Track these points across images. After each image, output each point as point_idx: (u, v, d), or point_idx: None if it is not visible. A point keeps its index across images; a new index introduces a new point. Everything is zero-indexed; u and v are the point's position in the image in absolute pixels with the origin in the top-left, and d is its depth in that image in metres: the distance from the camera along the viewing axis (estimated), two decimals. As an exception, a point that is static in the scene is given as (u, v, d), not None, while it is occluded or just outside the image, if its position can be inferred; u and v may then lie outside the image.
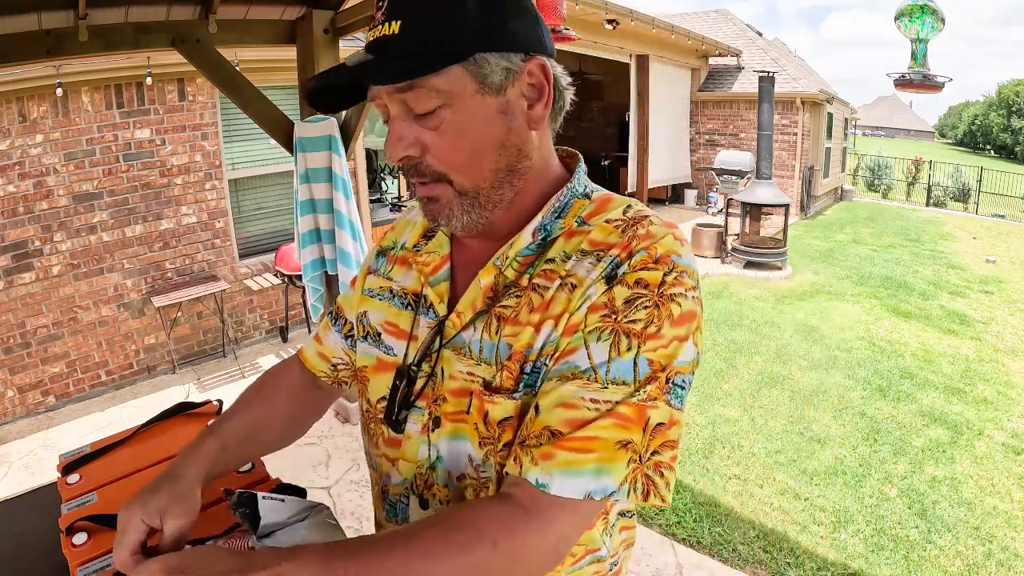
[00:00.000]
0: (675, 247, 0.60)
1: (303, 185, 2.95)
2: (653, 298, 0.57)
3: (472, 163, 0.61)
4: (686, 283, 0.59)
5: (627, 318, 0.57)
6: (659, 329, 0.57)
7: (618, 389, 0.55)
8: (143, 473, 0.92)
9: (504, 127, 0.61)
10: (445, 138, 0.59)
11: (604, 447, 0.54)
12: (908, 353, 4.81)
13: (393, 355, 0.72)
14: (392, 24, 0.56)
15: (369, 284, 0.80)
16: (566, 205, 0.66)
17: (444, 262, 0.71)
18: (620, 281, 0.58)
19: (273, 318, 4.91)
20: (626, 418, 0.55)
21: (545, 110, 0.63)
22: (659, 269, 0.58)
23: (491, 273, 0.65)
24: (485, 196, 0.62)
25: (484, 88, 0.59)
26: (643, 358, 0.56)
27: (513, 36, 0.59)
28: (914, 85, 3.49)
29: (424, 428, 0.67)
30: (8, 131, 3.50)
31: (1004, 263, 8.36)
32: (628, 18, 7.13)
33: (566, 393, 0.56)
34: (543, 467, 0.55)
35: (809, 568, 2.40)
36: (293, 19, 2.89)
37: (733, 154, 8.73)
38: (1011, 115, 42.60)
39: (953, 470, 3.19)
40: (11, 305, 3.65)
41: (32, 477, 3.10)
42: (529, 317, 0.61)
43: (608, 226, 0.63)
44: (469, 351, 0.64)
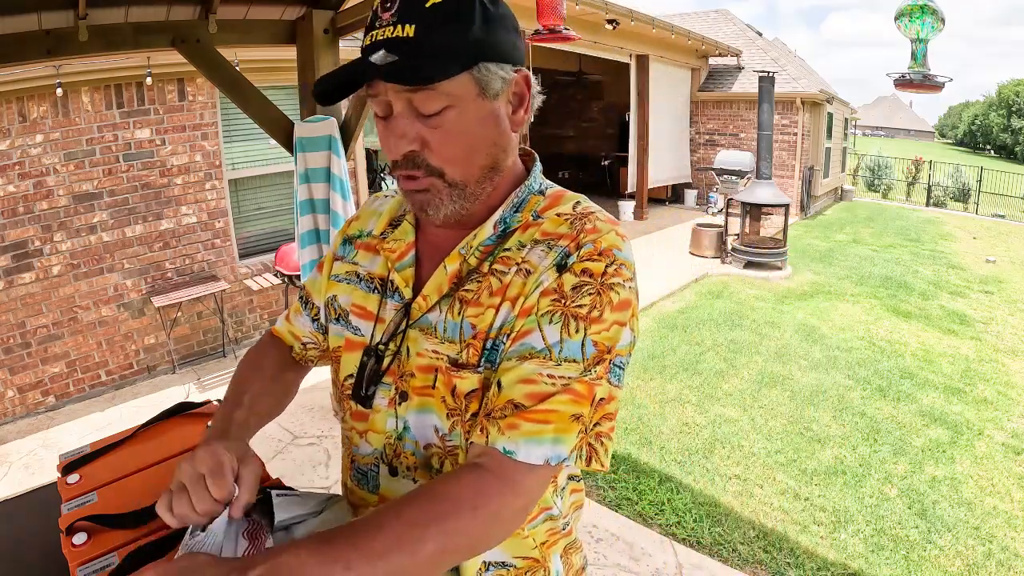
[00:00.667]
0: (617, 242, 0.68)
1: (303, 185, 2.95)
2: (596, 286, 0.65)
3: (466, 159, 0.68)
4: (624, 274, 0.67)
5: (574, 303, 0.64)
6: (601, 314, 0.64)
7: (570, 366, 0.63)
8: (143, 473, 0.92)
9: (496, 129, 0.69)
10: (447, 136, 0.65)
11: (560, 419, 0.61)
12: (908, 353, 4.81)
13: (360, 335, 0.78)
14: (406, 27, 0.61)
15: (336, 270, 0.85)
16: (523, 200, 0.74)
17: (409, 249, 0.77)
18: (568, 269, 0.66)
19: (273, 318, 4.90)
20: (579, 394, 0.62)
21: (525, 116, 0.71)
22: (602, 261, 0.66)
23: (456, 261, 0.71)
24: (471, 189, 0.69)
25: (484, 94, 0.66)
26: (589, 340, 0.64)
27: (507, 50, 0.67)
28: (914, 85, 3.48)
29: (391, 402, 0.73)
30: (8, 131, 3.50)
31: (1004, 263, 8.36)
32: (628, 18, 7.13)
33: (526, 370, 0.63)
34: (509, 436, 0.61)
35: (809, 568, 2.40)
36: (293, 19, 2.89)
37: (733, 154, 8.73)
38: (1011, 115, 42.60)
39: (953, 470, 3.19)
40: (11, 305, 3.65)
41: (32, 477, 3.10)
42: (490, 300, 0.68)
43: (559, 219, 0.71)
44: (435, 331, 0.70)
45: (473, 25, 0.62)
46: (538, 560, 0.76)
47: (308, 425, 3.45)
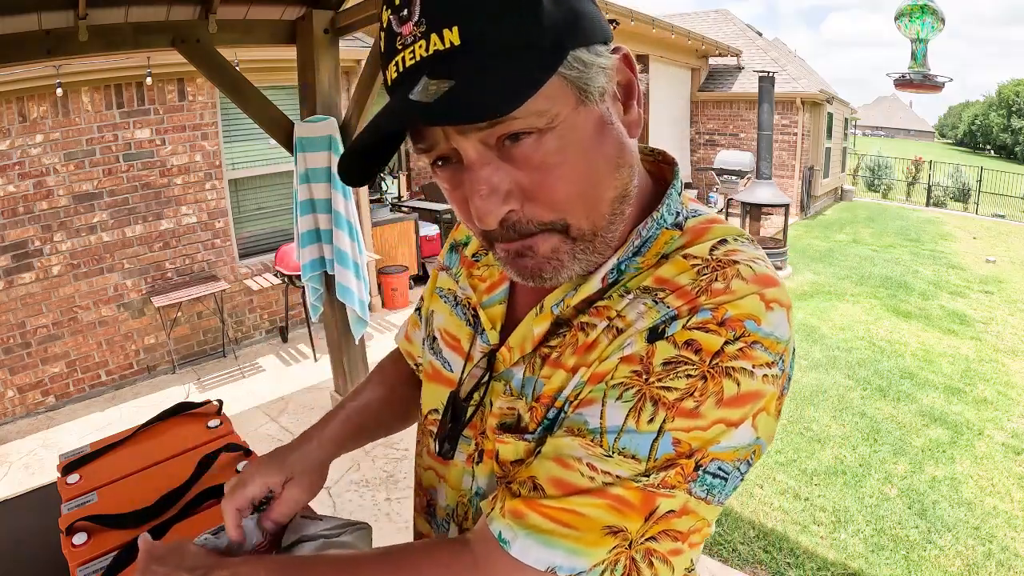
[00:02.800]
0: (755, 310, 0.46)
1: (303, 185, 2.95)
2: (701, 368, 0.45)
3: (591, 194, 0.47)
4: (757, 358, 0.45)
5: (661, 383, 0.45)
6: (699, 406, 0.44)
7: (623, 463, 0.45)
8: (143, 473, 0.92)
9: (616, 140, 0.48)
10: (556, 174, 0.45)
11: (589, 529, 0.45)
12: (908, 353, 4.81)
13: (449, 370, 0.66)
14: (445, 34, 0.41)
15: (440, 282, 0.72)
16: (650, 239, 0.53)
17: (502, 281, 0.62)
18: (667, 338, 0.46)
19: (273, 318, 4.91)
20: (624, 502, 0.45)
21: (641, 110, 0.51)
22: (721, 335, 0.45)
23: (546, 320, 0.54)
24: (602, 237, 0.50)
25: (586, 97, 0.45)
26: (668, 436, 0.45)
27: (595, 23, 0.46)
28: (914, 85, 3.50)
29: (469, 459, 0.61)
30: (8, 131, 3.50)
31: (1004, 263, 8.36)
32: (628, 18, 7.14)
33: (565, 447, 0.48)
34: (511, 522, 0.47)
35: (809, 568, 2.40)
36: (293, 19, 2.89)
37: (733, 154, 8.74)
38: (1011, 115, 42.59)
39: (953, 470, 3.19)
40: (11, 305, 3.65)
41: (32, 477, 3.10)
42: (568, 359, 0.52)
43: (684, 262, 0.49)
44: (511, 388, 0.57)
45: (542, 7, 0.42)
46: None
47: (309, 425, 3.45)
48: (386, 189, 6.38)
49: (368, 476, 2.93)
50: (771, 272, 0.49)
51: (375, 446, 3.12)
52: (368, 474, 2.94)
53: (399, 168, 6.68)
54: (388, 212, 5.89)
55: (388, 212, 5.89)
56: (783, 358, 0.47)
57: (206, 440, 0.99)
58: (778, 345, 0.46)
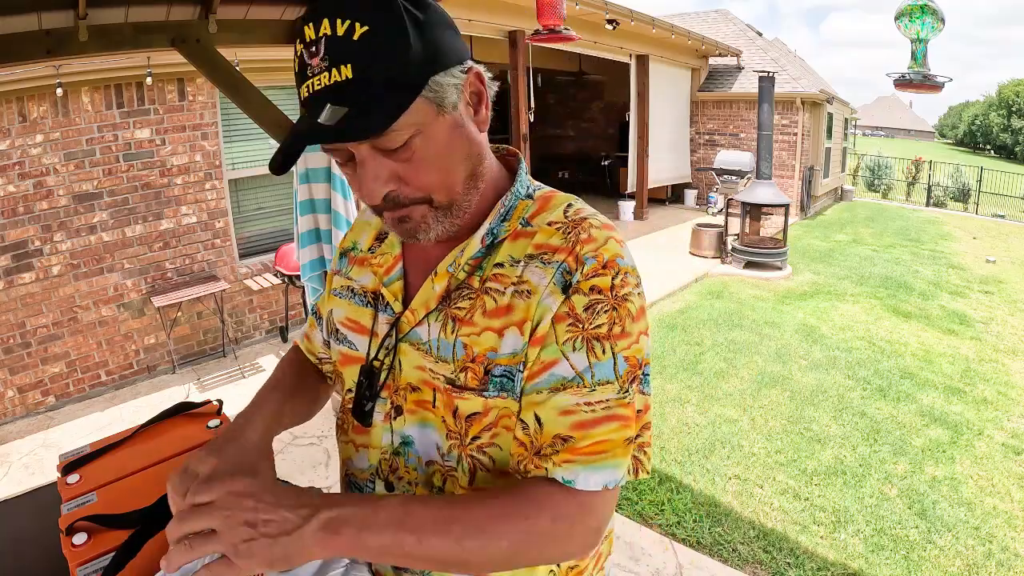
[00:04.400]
0: (617, 249, 0.65)
1: (303, 185, 2.95)
2: (610, 301, 0.62)
3: (447, 180, 0.64)
4: (631, 282, 0.65)
5: (592, 324, 0.62)
6: (623, 328, 0.63)
7: (606, 388, 0.61)
8: (143, 473, 0.92)
9: (464, 137, 0.65)
10: (420, 165, 0.62)
11: (614, 446, 0.61)
12: (908, 353, 4.81)
13: (355, 350, 0.77)
14: (341, 69, 0.55)
15: (334, 284, 0.84)
16: (511, 208, 0.70)
17: (396, 262, 0.76)
18: (576, 290, 0.62)
19: (273, 318, 4.91)
20: (624, 417, 0.62)
21: (487, 112, 0.67)
22: (607, 274, 0.63)
23: (444, 279, 0.69)
24: (457, 205, 0.66)
25: (442, 109, 0.61)
26: (620, 356, 0.62)
27: (450, 51, 0.62)
28: (914, 85, 3.49)
29: (386, 416, 0.72)
30: (8, 131, 3.50)
31: (1004, 263, 8.36)
32: (628, 18, 7.13)
33: (563, 402, 0.61)
34: (566, 468, 0.60)
35: (809, 568, 2.40)
36: (293, 19, 2.89)
37: (733, 154, 8.74)
38: (1011, 115, 42.59)
39: (953, 470, 3.19)
40: (11, 305, 3.65)
41: (32, 477, 3.10)
42: (487, 321, 0.65)
43: (551, 228, 0.67)
44: (429, 348, 0.68)
45: (409, 42, 0.57)
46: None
47: (308, 425, 3.45)
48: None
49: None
50: (608, 221, 0.68)
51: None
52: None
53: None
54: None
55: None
56: (640, 279, 0.67)
57: (206, 440, 0.99)
58: (636, 271, 0.66)
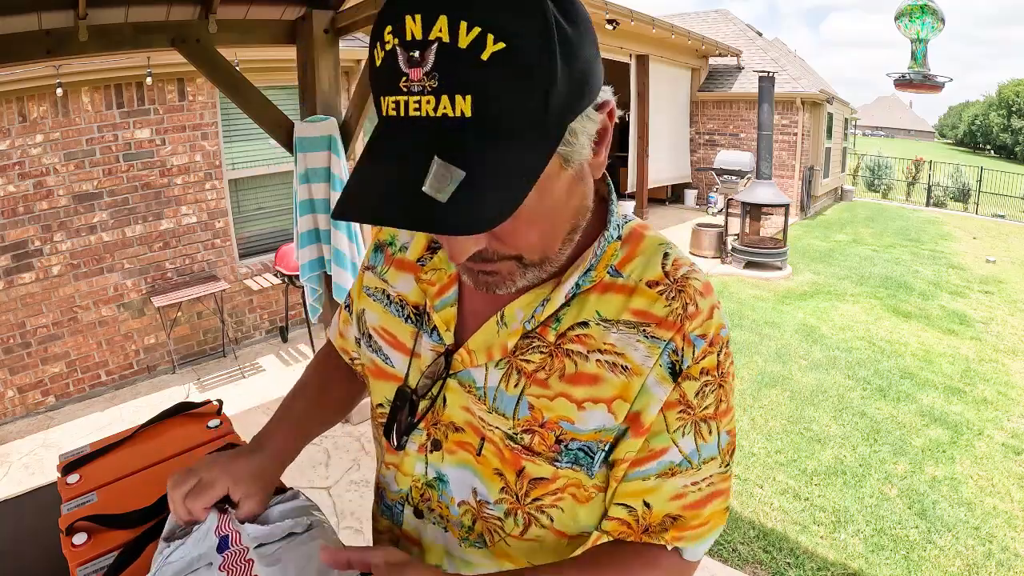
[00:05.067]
0: (720, 319, 0.60)
1: (302, 185, 2.95)
2: (716, 380, 0.60)
3: (547, 239, 0.54)
4: (729, 353, 0.63)
5: (701, 407, 0.60)
6: (728, 404, 0.62)
7: (710, 465, 0.61)
8: (143, 473, 0.92)
9: (581, 193, 0.54)
10: (522, 225, 0.49)
11: (717, 517, 0.63)
12: (908, 353, 4.81)
13: (392, 367, 0.69)
14: (457, 102, 0.39)
15: (367, 282, 0.76)
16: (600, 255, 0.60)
17: (452, 283, 0.65)
18: (686, 376, 0.58)
19: (273, 318, 4.91)
20: (726, 491, 0.64)
21: (606, 151, 0.53)
22: (714, 351, 0.59)
23: (518, 335, 0.59)
24: (549, 261, 0.56)
25: (568, 164, 0.48)
26: (723, 432, 0.62)
27: (595, 85, 0.47)
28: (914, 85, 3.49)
29: (421, 448, 0.67)
30: (8, 131, 3.50)
31: (1004, 263, 8.36)
32: (628, 18, 7.13)
33: (674, 488, 0.61)
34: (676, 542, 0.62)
35: (809, 568, 2.40)
36: (293, 19, 2.89)
37: (733, 154, 8.74)
38: (1011, 115, 42.58)
39: (953, 470, 3.19)
40: (11, 305, 3.65)
41: (32, 477, 3.10)
42: (564, 387, 0.58)
43: (651, 292, 0.58)
44: (483, 395, 0.61)
45: (556, 74, 0.41)
46: None
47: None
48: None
49: (368, 476, 2.93)
50: (702, 274, 0.62)
51: (375, 446, 3.11)
52: (368, 474, 2.94)
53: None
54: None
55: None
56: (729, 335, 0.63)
57: (206, 440, 0.99)
58: (728, 331, 0.62)
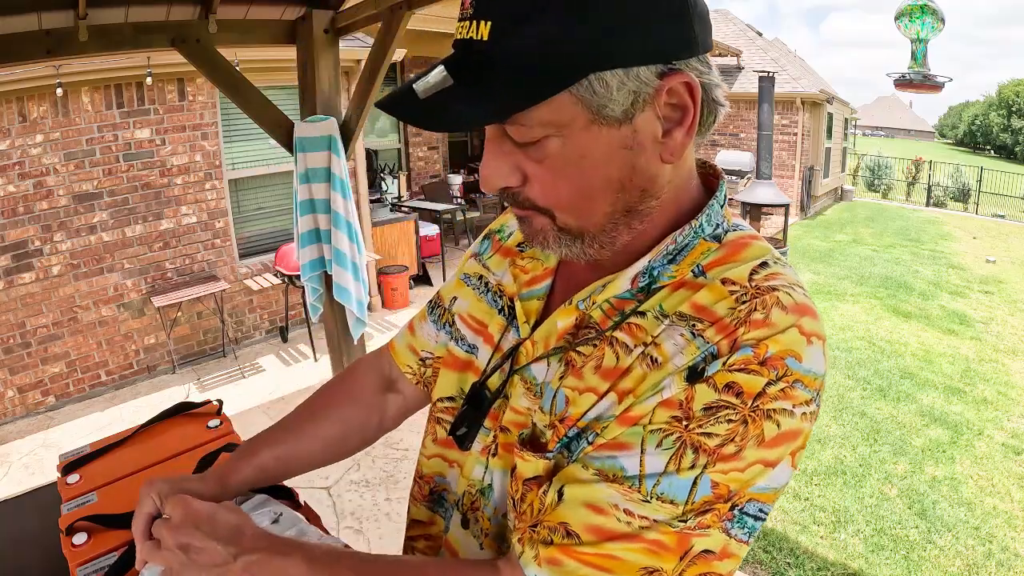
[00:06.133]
0: (796, 346, 0.45)
1: (303, 185, 2.95)
2: (742, 411, 0.44)
3: (581, 204, 0.49)
4: (797, 397, 0.45)
5: (701, 428, 0.45)
6: (740, 451, 0.44)
7: (662, 508, 0.45)
8: (143, 473, 0.92)
9: (627, 165, 0.48)
10: (550, 174, 0.47)
11: (625, 571, 0.45)
12: (908, 353, 4.81)
13: (475, 356, 0.65)
14: (480, 26, 0.43)
15: (467, 268, 0.71)
16: (686, 246, 0.52)
17: (546, 276, 0.61)
18: (707, 380, 0.45)
19: (273, 318, 4.91)
20: (662, 546, 0.45)
21: (687, 138, 0.48)
22: (762, 375, 0.44)
23: (571, 315, 0.54)
24: (591, 236, 0.51)
25: (600, 119, 0.45)
26: (707, 479, 0.44)
27: (643, 45, 0.44)
28: (914, 85, 3.49)
29: (485, 449, 0.61)
30: (8, 131, 3.50)
31: (1004, 263, 8.36)
32: (628, 18, 7.13)
33: (600, 495, 0.46)
34: (548, 570, 0.47)
35: (809, 568, 2.40)
36: (293, 19, 2.89)
37: (733, 154, 8.74)
38: (1011, 115, 42.57)
39: (953, 470, 3.19)
40: (11, 305, 3.65)
41: (32, 477, 3.10)
42: (594, 379, 0.51)
43: (722, 289, 0.48)
44: (539, 391, 0.56)
45: (580, 14, 0.41)
46: None
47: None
48: (386, 189, 6.38)
49: (368, 476, 2.93)
50: (809, 301, 0.48)
51: (375, 446, 3.11)
52: (368, 474, 2.94)
53: (399, 168, 6.67)
54: (388, 212, 5.89)
55: (388, 212, 5.89)
56: (819, 393, 0.47)
57: (206, 440, 0.99)
58: (816, 381, 0.46)
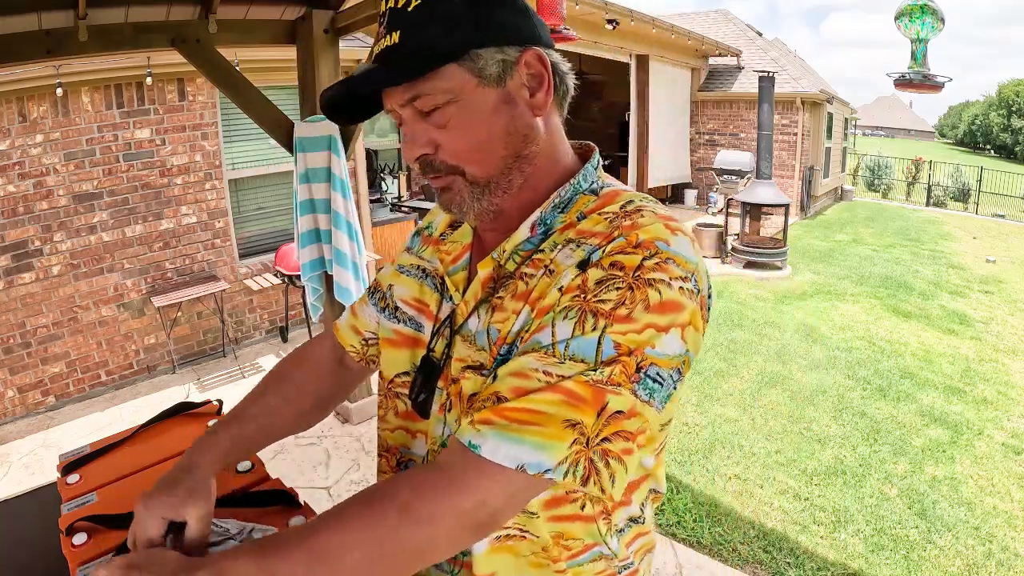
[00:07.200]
0: (662, 233, 0.58)
1: (303, 185, 2.95)
2: (627, 280, 0.55)
3: (482, 153, 0.63)
4: (672, 271, 0.56)
5: (596, 298, 0.55)
6: (631, 312, 0.54)
7: (574, 365, 0.54)
8: (143, 473, 0.92)
9: (508, 115, 0.63)
10: (454, 132, 0.62)
11: (550, 423, 0.52)
12: (908, 353, 4.81)
13: (421, 332, 0.75)
14: (393, 35, 0.60)
15: (402, 261, 0.83)
16: (570, 200, 0.66)
17: (464, 252, 0.74)
18: (595, 264, 0.57)
19: (273, 318, 4.91)
20: (578, 397, 0.53)
21: (547, 97, 0.64)
22: (638, 253, 0.56)
23: (489, 266, 0.67)
24: (495, 183, 0.64)
25: (483, 81, 0.61)
26: (608, 338, 0.54)
27: (504, 29, 0.61)
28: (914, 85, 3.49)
29: (441, 408, 0.69)
30: (8, 131, 3.50)
31: (1004, 263, 8.36)
32: (628, 18, 7.13)
33: (522, 363, 0.56)
34: (479, 429, 0.54)
35: (809, 568, 2.40)
36: (293, 19, 2.89)
37: (733, 154, 8.74)
38: (1011, 115, 42.56)
39: (953, 470, 3.19)
40: (11, 305, 3.65)
41: (32, 477, 3.10)
42: (513, 304, 0.62)
43: (599, 217, 0.62)
44: (474, 339, 0.66)
45: (455, 14, 0.59)
46: None
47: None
48: (386, 189, 6.38)
49: (368, 476, 2.93)
50: (675, 220, 0.61)
51: (376, 447, 3.12)
52: (368, 474, 2.94)
53: (399, 168, 6.68)
54: (388, 212, 5.90)
55: (388, 212, 5.90)
56: (695, 277, 0.58)
57: (206, 440, 0.99)
58: (688, 264, 0.57)
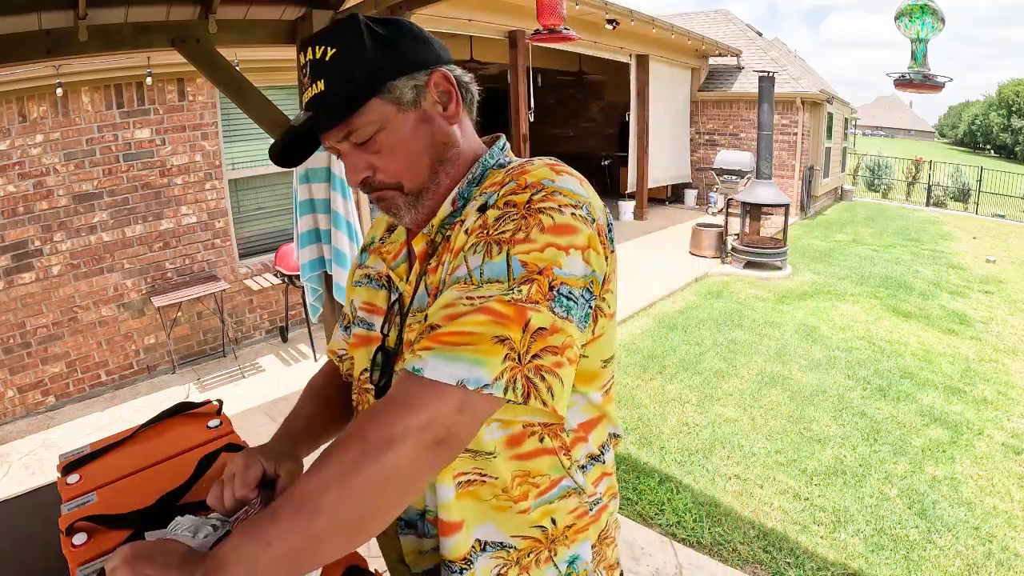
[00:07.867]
0: (546, 174, 0.66)
1: (302, 185, 2.95)
2: (521, 212, 0.63)
3: (413, 167, 0.73)
4: (559, 200, 0.64)
5: (497, 231, 0.63)
6: (527, 235, 0.62)
7: (492, 286, 0.60)
8: (143, 473, 0.92)
9: (428, 131, 0.73)
10: (387, 156, 0.72)
11: (480, 340, 0.57)
12: (908, 353, 4.81)
13: (372, 330, 0.83)
14: (318, 84, 0.70)
15: (355, 276, 0.92)
16: (482, 175, 0.76)
17: (402, 248, 0.82)
18: (492, 206, 0.66)
19: (273, 318, 4.91)
20: (502, 315, 0.58)
21: (457, 107, 0.75)
22: (527, 191, 0.65)
23: (422, 241, 0.76)
24: (426, 188, 0.74)
25: (402, 107, 0.71)
26: (515, 259, 0.61)
27: (411, 59, 0.72)
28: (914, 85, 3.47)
29: None
30: (8, 131, 3.50)
31: (1004, 263, 8.36)
32: (628, 18, 7.13)
33: (447, 296, 0.62)
34: (419, 355, 0.58)
35: (809, 568, 2.40)
36: (293, 19, 2.89)
37: (733, 154, 8.73)
38: (1011, 115, 42.54)
39: (953, 470, 3.19)
40: (11, 305, 3.65)
41: (32, 477, 3.10)
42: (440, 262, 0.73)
43: (499, 172, 0.73)
44: (424, 313, 0.71)
45: (367, 56, 0.68)
46: (541, 541, 0.73)
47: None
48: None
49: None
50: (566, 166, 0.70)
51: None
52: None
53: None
54: (388, 212, 5.89)
55: (388, 212, 5.89)
56: (588, 207, 0.66)
57: (206, 440, 0.99)
58: (574, 195, 0.66)
